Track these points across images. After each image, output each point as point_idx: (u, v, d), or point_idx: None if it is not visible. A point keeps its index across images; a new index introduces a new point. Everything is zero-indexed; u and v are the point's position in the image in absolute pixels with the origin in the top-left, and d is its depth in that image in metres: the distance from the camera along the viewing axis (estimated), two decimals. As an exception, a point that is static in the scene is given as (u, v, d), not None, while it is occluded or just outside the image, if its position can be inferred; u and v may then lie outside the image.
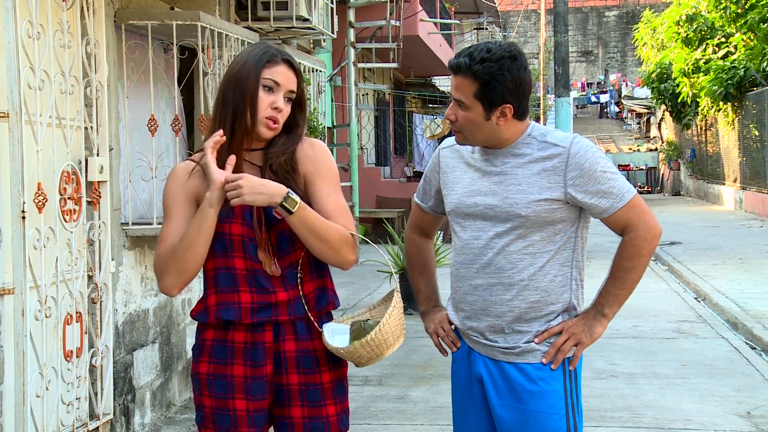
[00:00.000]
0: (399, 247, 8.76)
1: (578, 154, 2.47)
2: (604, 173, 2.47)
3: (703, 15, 21.37)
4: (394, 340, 2.48)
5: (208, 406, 2.48)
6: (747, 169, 19.72)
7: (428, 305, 2.84)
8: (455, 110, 2.51)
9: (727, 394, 5.67)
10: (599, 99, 40.55)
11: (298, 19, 6.55)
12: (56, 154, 3.91)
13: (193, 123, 5.90)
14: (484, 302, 2.55)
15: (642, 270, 2.53)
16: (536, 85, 33.12)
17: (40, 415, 3.76)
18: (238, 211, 2.41)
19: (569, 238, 2.53)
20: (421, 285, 2.88)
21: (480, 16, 26.99)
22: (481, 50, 2.46)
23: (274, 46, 2.52)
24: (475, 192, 2.56)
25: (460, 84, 2.47)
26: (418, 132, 19.45)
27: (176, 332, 5.46)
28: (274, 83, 2.43)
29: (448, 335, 2.72)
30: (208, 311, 2.46)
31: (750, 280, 9.96)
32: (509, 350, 2.53)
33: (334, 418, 2.51)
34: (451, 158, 2.67)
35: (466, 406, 2.65)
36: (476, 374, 2.59)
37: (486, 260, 2.53)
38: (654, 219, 2.52)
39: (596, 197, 2.47)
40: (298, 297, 2.45)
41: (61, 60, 3.98)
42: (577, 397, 2.57)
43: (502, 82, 2.43)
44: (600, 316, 2.54)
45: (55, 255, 3.89)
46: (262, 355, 2.45)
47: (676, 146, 29.93)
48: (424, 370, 6.42)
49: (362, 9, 13.44)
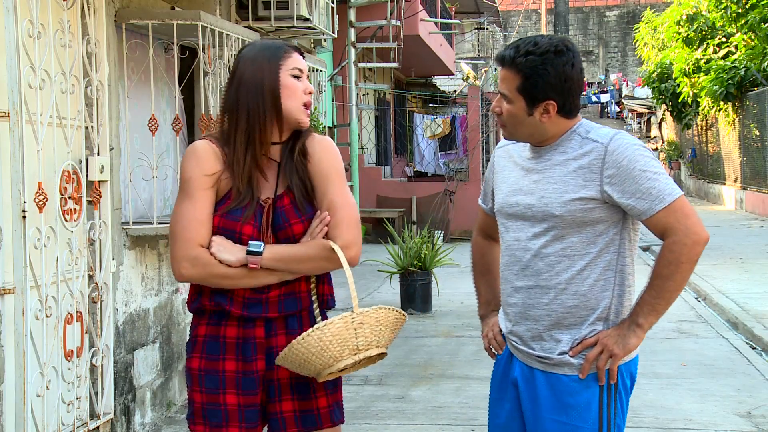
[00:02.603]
0: (399, 246, 8.76)
1: (616, 150, 2.35)
2: (644, 172, 2.33)
3: (703, 15, 21.35)
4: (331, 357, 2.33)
5: (199, 402, 2.49)
6: (748, 169, 19.71)
7: (487, 309, 2.77)
8: (500, 103, 2.45)
9: (727, 393, 5.67)
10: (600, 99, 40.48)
11: (299, 18, 6.55)
12: (57, 153, 3.91)
13: (193, 123, 5.89)
14: (523, 305, 2.48)
15: (682, 279, 2.36)
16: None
17: (41, 414, 3.76)
18: (250, 212, 2.44)
19: (612, 241, 2.41)
20: (481, 288, 2.81)
21: (481, 15, 26.98)
22: (528, 43, 2.38)
23: (276, 41, 2.56)
24: (517, 191, 2.49)
25: (505, 76, 2.40)
26: (418, 132, 19.44)
27: (176, 332, 5.46)
28: (299, 71, 2.48)
29: (496, 338, 2.65)
30: (202, 296, 2.48)
31: (750, 280, 9.96)
32: (545, 360, 2.45)
33: (326, 410, 2.51)
34: (503, 158, 2.61)
35: (497, 405, 2.61)
36: (512, 378, 2.54)
37: (525, 262, 2.46)
38: (698, 224, 2.35)
39: (634, 198, 2.34)
40: (291, 294, 2.47)
41: (61, 59, 3.98)
42: (614, 412, 2.45)
43: (544, 77, 2.35)
44: (635, 326, 2.39)
45: (56, 254, 3.88)
46: (252, 351, 2.46)
47: (677, 146, 29.92)
48: (425, 369, 6.42)
49: (363, 9, 13.43)
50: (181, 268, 2.42)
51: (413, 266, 8.54)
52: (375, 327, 2.37)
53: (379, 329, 2.38)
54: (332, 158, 2.51)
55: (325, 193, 2.46)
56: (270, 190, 2.48)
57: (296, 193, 2.45)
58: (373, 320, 2.36)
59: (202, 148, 2.47)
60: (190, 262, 2.40)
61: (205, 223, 2.42)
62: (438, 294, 8.74)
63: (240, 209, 2.43)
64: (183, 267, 2.41)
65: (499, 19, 31.16)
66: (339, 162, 2.52)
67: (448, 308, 8.80)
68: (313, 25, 6.76)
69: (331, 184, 2.46)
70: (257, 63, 2.45)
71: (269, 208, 2.45)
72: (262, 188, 2.48)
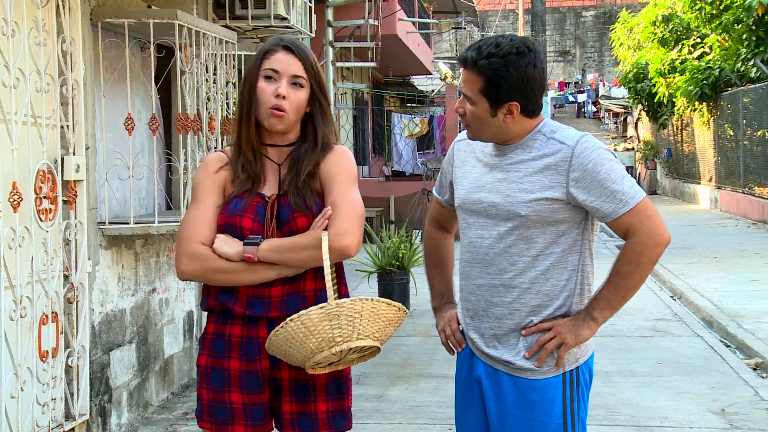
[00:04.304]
0: (378, 246, 8.76)
1: (583, 153, 2.36)
2: (609, 175, 2.35)
3: (678, 16, 21.53)
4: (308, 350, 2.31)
5: (206, 399, 2.50)
6: (722, 168, 19.90)
7: (441, 301, 2.78)
8: (464, 104, 2.44)
9: (702, 391, 5.72)
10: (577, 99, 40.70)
11: (276, 17, 6.53)
12: (32, 153, 3.88)
13: (170, 122, 5.87)
14: (485, 303, 2.49)
15: (640, 278, 2.41)
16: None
17: (15, 416, 3.72)
18: (251, 206, 2.45)
19: (575, 241, 2.44)
20: (435, 280, 2.81)
21: (458, 15, 27.04)
22: (489, 44, 2.38)
23: (278, 37, 2.53)
24: (480, 188, 2.49)
25: (468, 78, 2.40)
26: (396, 131, 19.46)
27: (153, 332, 5.43)
28: (272, 71, 2.44)
29: (454, 335, 2.65)
30: (209, 296, 2.50)
31: (725, 279, 10.06)
32: (507, 363, 2.46)
33: (324, 416, 2.49)
34: (464, 151, 2.61)
35: (466, 405, 2.62)
36: (476, 376, 2.55)
37: (488, 260, 2.46)
38: (660, 226, 2.39)
39: (599, 200, 2.36)
40: (295, 293, 2.46)
41: (36, 58, 3.95)
42: (577, 406, 2.47)
43: (507, 79, 2.35)
44: (590, 319, 2.43)
45: (31, 254, 3.85)
46: (256, 350, 2.46)
47: (653, 146, 30.14)
48: (403, 369, 6.43)
49: (340, 8, 13.42)
50: (180, 264, 2.45)
51: (391, 266, 8.54)
52: (353, 318, 2.32)
53: (358, 320, 2.32)
54: (341, 161, 2.50)
55: (330, 192, 2.45)
56: (274, 188, 2.50)
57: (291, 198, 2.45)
58: (350, 311, 2.32)
59: (211, 156, 2.57)
60: (188, 258, 2.43)
61: (207, 222, 2.45)
62: (416, 293, 8.75)
63: (238, 203, 2.45)
64: (182, 263, 2.44)
65: (477, 19, 31.24)
66: (348, 165, 2.51)
67: (426, 308, 8.78)
68: (291, 24, 6.75)
69: (336, 183, 2.46)
70: (251, 61, 2.50)
71: (273, 203, 2.46)
72: (266, 185, 2.49)
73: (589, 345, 2.53)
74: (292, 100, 2.44)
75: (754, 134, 17.27)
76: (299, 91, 2.46)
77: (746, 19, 16.51)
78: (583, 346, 2.49)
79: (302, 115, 2.51)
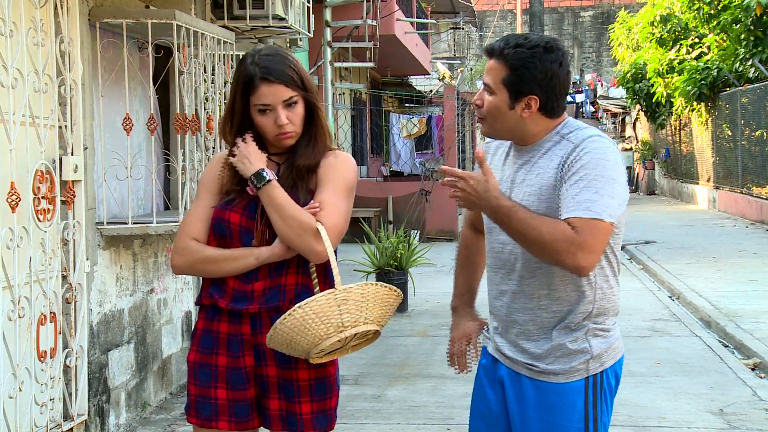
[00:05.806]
0: (375, 246, 8.76)
1: (582, 150, 2.31)
2: (595, 181, 2.26)
3: (677, 16, 21.53)
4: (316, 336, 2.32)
5: (193, 394, 2.54)
6: (720, 168, 19.91)
7: (460, 300, 2.76)
8: (482, 95, 2.42)
9: (700, 391, 5.72)
10: (575, 99, 40.69)
11: (275, 18, 6.53)
12: (30, 153, 3.88)
13: (168, 122, 5.87)
14: (508, 308, 2.48)
15: (535, 241, 2.25)
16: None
17: (13, 416, 3.72)
18: (242, 201, 2.49)
19: None
20: (459, 280, 2.79)
21: (456, 15, 27.04)
22: (518, 37, 2.38)
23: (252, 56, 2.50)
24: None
25: (492, 67, 2.38)
26: (394, 131, 19.44)
27: (151, 332, 5.43)
28: (264, 106, 2.47)
29: (463, 355, 2.64)
30: (202, 289, 2.56)
31: (723, 279, 10.06)
32: (531, 367, 2.44)
33: (308, 417, 2.52)
34: (491, 153, 2.57)
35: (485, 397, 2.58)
36: (499, 376, 2.53)
37: (509, 266, 2.45)
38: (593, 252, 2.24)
39: (567, 184, 2.28)
40: (275, 287, 2.48)
41: (34, 58, 3.95)
42: (600, 411, 2.43)
43: (531, 71, 2.33)
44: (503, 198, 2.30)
45: (29, 255, 3.85)
46: (239, 347, 2.49)
47: (651, 146, 30.14)
48: (401, 369, 6.43)
49: (339, 8, 13.41)
50: (172, 259, 2.54)
51: (389, 266, 8.55)
52: (360, 303, 2.35)
53: (365, 305, 2.36)
54: (341, 168, 2.53)
55: (321, 192, 2.48)
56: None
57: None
58: (357, 296, 2.36)
59: (218, 155, 2.64)
60: (179, 252, 2.52)
61: (202, 218, 2.53)
62: (414, 293, 8.75)
63: (228, 199, 2.51)
64: (174, 258, 2.53)
65: (475, 19, 31.24)
66: (347, 173, 2.53)
67: (424, 308, 8.81)
68: (289, 25, 6.75)
69: (330, 185, 2.49)
70: (233, 77, 2.55)
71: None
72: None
73: (616, 349, 2.47)
74: (293, 118, 2.49)
75: (752, 134, 17.28)
76: (296, 108, 2.50)
77: (744, 19, 16.52)
78: (609, 351, 2.45)
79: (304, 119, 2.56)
